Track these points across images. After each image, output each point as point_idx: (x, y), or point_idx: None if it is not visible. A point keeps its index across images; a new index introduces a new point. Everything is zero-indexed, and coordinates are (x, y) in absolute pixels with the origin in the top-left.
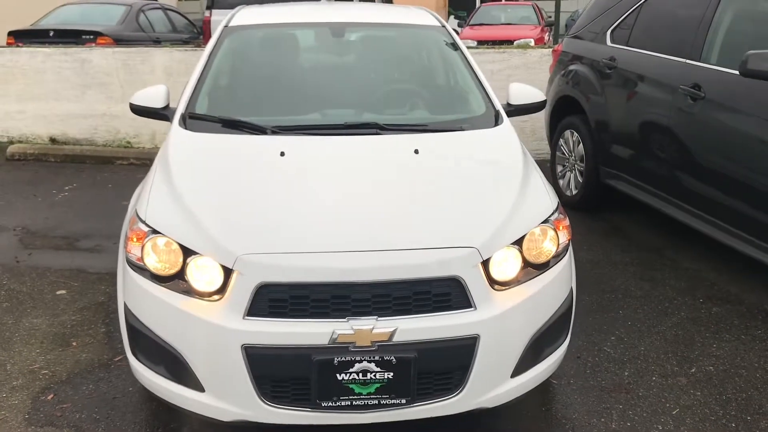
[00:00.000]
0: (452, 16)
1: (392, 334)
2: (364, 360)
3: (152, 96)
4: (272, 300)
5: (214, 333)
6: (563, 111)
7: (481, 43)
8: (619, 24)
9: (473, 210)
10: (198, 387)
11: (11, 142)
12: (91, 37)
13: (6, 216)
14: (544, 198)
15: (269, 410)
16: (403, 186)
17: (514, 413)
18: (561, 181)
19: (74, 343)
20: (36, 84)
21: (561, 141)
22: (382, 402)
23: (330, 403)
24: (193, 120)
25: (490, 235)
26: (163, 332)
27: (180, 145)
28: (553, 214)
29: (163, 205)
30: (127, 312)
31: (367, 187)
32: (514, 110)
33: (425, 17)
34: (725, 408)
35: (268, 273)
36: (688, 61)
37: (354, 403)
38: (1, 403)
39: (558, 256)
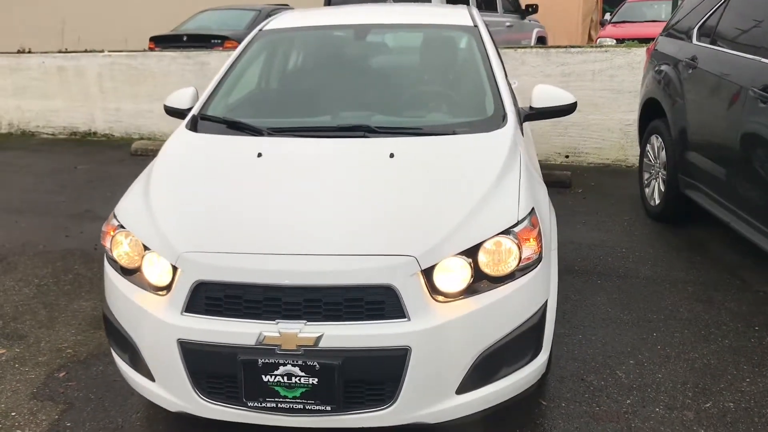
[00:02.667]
0: (608, 14)
1: (318, 339)
2: (289, 363)
3: (182, 97)
4: (208, 298)
5: (156, 326)
6: (650, 114)
7: (621, 41)
8: (705, 20)
9: (422, 217)
10: (150, 376)
11: (141, 139)
12: (219, 41)
13: (107, 207)
14: (509, 208)
15: (204, 405)
16: (362, 191)
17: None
18: (647, 190)
19: None
20: (162, 85)
21: (647, 147)
22: (307, 407)
23: (256, 404)
24: (204, 121)
25: (433, 244)
26: (123, 322)
27: (172, 145)
28: (516, 225)
29: (133, 202)
30: (103, 301)
31: (326, 190)
32: (536, 113)
33: (460, 17)
34: None
35: (205, 271)
36: (763, 59)
37: (279, 405)
38: (21, 376)
39: (526, 269)
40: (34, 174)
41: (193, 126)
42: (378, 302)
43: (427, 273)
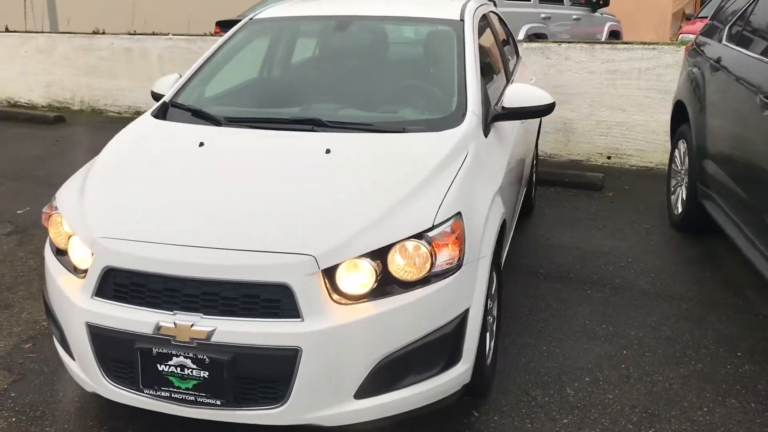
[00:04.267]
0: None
1: (210, 333)
2: (182, 355)
3: (165, 84)
4: (116, 284)
5: (70, 308)
6: (679, 118)
7: None
8: (736, 20)
9: (331, 216)
10: (71, 355)
11: None
12: None
13: None
14: (427, 211)
15: (110, 388)
16: (282, 186)
17: None
18: (672, 198)
19: None
20: None
21: (675, 152)
22: (199, 399)
23: (152, 391)
24: (174, 108)
25: (335, 244)
26: (52, 301)
27: (126, 131)
28: (431, 229)
29: (71, 185)
30: (43, 280)
31: (247, 184)
32: (507, 114)
33: (448, 11)
34: None
35: (114, 258)
36: None
37: (173, 395)
38: None
39: (442, 276)
40: (94, 150)
41: (163, 113)
42: (274, 300)
43: (329, 273)
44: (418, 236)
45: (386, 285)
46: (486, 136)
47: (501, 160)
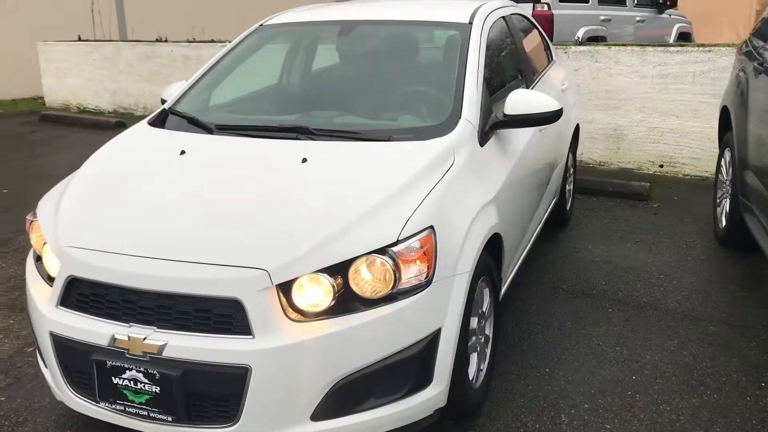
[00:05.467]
0: None
1: (162, 348)
2: (134, 369)
3: (172, 91)
4: (79, 294)
5: (38, 317)
6: (725, 125)
7: None
8: None
9: (290, 229)
10: (45, 363)
11: None
12: None
13: None
14: (393, 225)
15: (73, 398)
16: (252, 196)
17: None
18: (717, 210)
19: None
20: None
21: (722, 160)
22: (151, 415)
23: (108, 404)
24: (172, 115)
25: (290, 258)
26: (29, 307)
27: (117, 139)
28: (396, 244)
29: (54, 193)
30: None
31: (218, 193)
32: (508, 122)
33: (458, 14)
34: None
35: (77, 267)
36: None
37: (127, 408)
38: None
39: (409, 293)
40: None
41: (162, 120)
42: (226, 315)
43: (285, 289)
44: (381, 251)
45: (348, 302)
46: (482, 145)
47: (501, 169)
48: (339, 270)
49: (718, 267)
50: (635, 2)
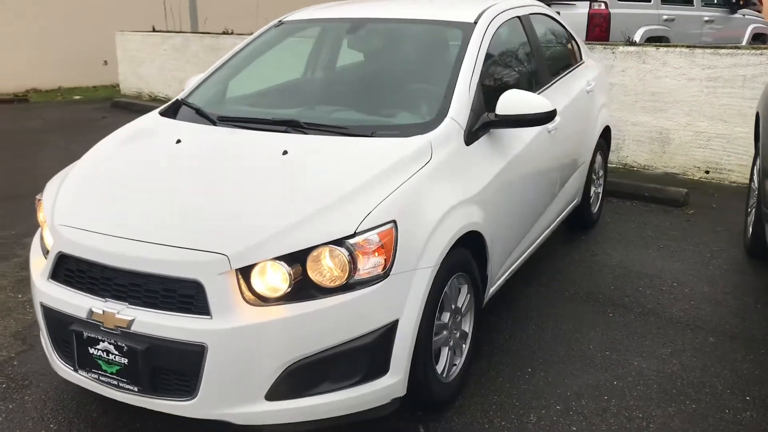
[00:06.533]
0: None
1: (131, 323)
2: (106, 341)
3: (193, 82)
4: (66, 269)
5: (33, 288)
6: (757, 131)
7: None
8: None
9: (254, 217)
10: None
11: None
12: None
13: None
14: (352, 217)
15: (59, 366)
16: (228, 185)
17: None
18: (748, 219)
19: None
20: None
21: (754, 168)
22: (120, 384)
23: (85, 372)
24: (184, 106)
25: (250, 244)
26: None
27: (127, 126)
28: (353, 236)
29: (60, 175)
30: None
31: (198, 181)
32: (499, 122)
33: (465, 14)
34: None
35: (65, 244)
36: None
37: (101, 378)
38: (21, 317)
39: (366, 284)
40: None
41: (174, 110)
42: (189, 296)
43: (245, 273)
44: (338, 242)
45: (306, 289)
46: (469, 144)
47: (489, 169)
48: (297, 258)
49: (738, 278)
50: (703, 1)
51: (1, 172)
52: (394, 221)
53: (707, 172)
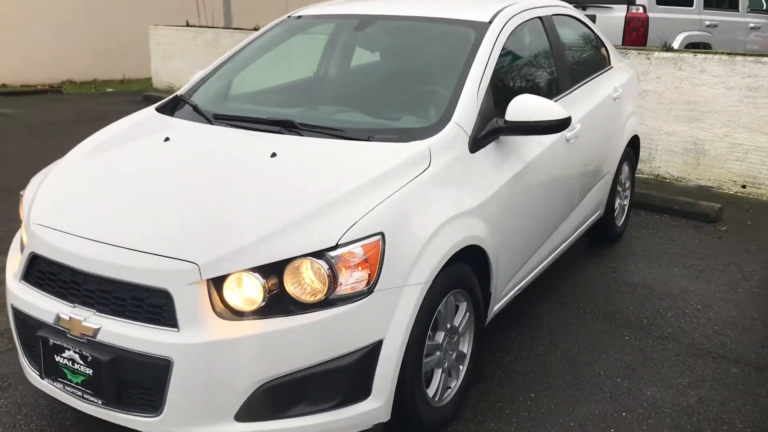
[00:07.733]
0: None
1: (96, 331)
2: (71, 349)
3: (195, 78)
4: (38, 270)
5: (5, 288)
6: None
7: None
8: None
9: (230, 225)
10: None
11: None
12: None
13: None
14: (337, 228)
15: (29, 371)
16: (209, 188)
17: None
18: None
19: None
20: None
21: None
22: (85, 396)
23: (50, 380)
24: (182, 103)
25: (222, 254)
26: None
27: (119, 122)
28: (335, 248)
29: (43, 172)
30: None
31: (180, 183)
32: (508, 128)
33: (481, 13)
34: None
35: (38, 245)
36: None
37: (66, 387)
38: None
39: (348, 300)
40: None
41: (170, 107)
42: (157, 306)
43: (217, 284)
44: (318, 255)
45: (282, 303)
46: (474, 151)
47: (496, 178)
48: (273, 270)
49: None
50: (750, 7)
51: (24, 163)
52: (381, 233)
53: (744, 186)
